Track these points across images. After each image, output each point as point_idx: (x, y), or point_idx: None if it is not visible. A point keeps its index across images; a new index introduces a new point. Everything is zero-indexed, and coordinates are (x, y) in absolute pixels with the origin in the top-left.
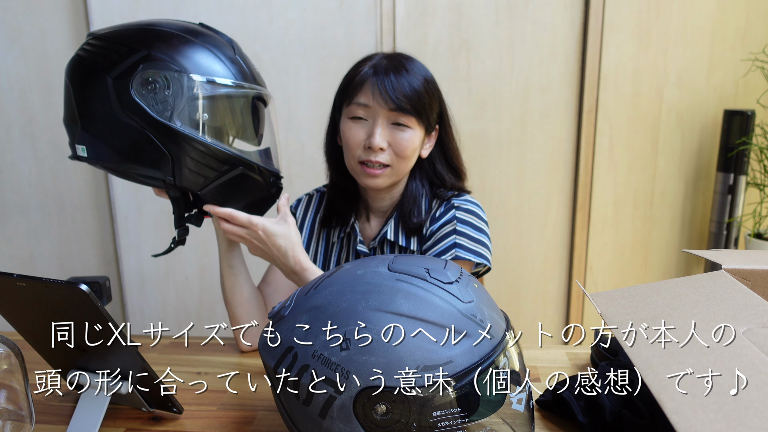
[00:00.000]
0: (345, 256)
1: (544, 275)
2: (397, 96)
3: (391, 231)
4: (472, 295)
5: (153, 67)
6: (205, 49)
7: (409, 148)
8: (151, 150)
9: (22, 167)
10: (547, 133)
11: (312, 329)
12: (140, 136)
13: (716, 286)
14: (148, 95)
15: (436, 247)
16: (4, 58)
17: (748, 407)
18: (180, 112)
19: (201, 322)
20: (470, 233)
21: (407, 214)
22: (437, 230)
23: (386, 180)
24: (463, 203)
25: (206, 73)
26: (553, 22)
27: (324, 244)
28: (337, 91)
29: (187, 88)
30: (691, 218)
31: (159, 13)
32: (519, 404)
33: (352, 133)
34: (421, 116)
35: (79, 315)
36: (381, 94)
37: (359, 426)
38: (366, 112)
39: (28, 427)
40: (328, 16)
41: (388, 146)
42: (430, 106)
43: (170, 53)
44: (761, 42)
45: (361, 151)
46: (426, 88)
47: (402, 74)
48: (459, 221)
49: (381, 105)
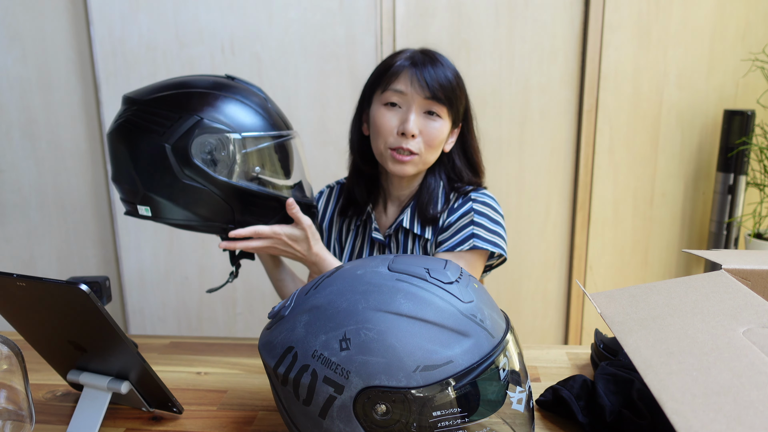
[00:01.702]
0: (360, 243)
1: (544, 275)
2: (434, 85)
3: (407, 219)
4: (472, 295)
5: (207, 131)
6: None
7: (438, 137)
8: (214, 204)
9: (22, 167)
10: (547, 133)
11: (312, 329)
12: (204, 195)
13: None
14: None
15: (455, 238)
16: (4, 58)
17: (748, 407)
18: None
19: (201, 322)
20: (487, 224)
21: (424, 204)
22: (455, 222)
23: (413, 168)
24: (481, 196)
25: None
26: (553, 22)
27: (337, 233)
28: (368, 81)
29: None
30: (691, 218)
31: (159, 13)
32: (519, 404)
33: (386, 119)
34: (452, 107)
35: (79, 315)
36: (419, 81)
37: (359, 426)
38: (401, 99)
39: (28, 427)
40: (328, 16)
41: (419, 134)
42: (459, 100)
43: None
44: (761, 42)
45: (393, 137)
46: (457, 82)
47: (437, 66)
48: (476, 213)
49: (417, 92)
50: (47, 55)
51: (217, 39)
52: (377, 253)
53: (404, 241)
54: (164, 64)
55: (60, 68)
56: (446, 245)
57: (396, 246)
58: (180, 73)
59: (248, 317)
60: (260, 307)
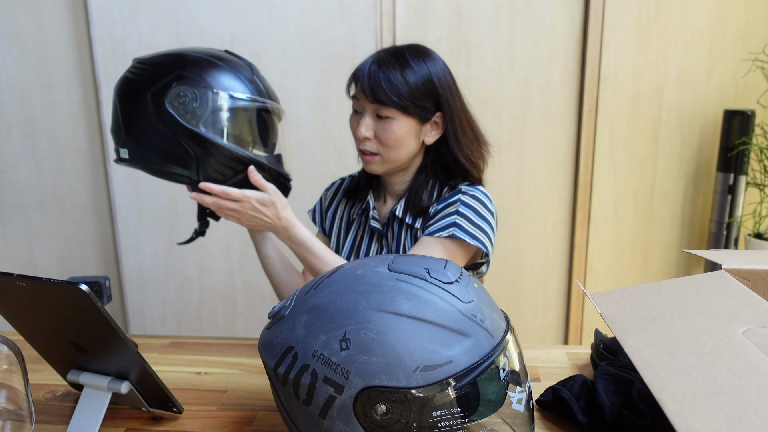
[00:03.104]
0: (362, 231)
1: (544, 275)
2: (375, 89)
3: (400, 209)
4: (472, 295)
5: (184, 84)
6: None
7: (392, 137)
8: (180, 152)
9: (22, 167)
10: (547, 133)
11: (312, 329)
12: (172, 140)
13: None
14: (179, 107)
15: (437, 224)
16: (4, 58)
17: (748, 407)
18: (205, 120)
19: (201, 322)
20: (471, 217)
21: (414, 196)
22: (441, 210)
23: (379, 166)
24: (472, 190)
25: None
26: (553, 22)
27: (347, 218)
28: None
29: (211, 101)
30: (691, 218)
31: (159, 13)
32: (519, 404)
33: (351, 124)
34: (407, 108)
35: (79, 315)
36: (364, 88)
37: (359, 426)
38: (358, 104)
39: (28, 427)
40: (328, 16)
41: (375, 136)
42: (416, 99)
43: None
44: (761, 42)
45: (358, 140)
46: (414, 82)
47: (387, 69)
48: (462, 204)
49: (365, 98)
50: (47, 55)
51: (217, 39)
52: (375, 241)
53: (399, 231)
54: None
55: (60, 68)
56: (428, 230)
57: (392, 235)
58: None
59: (248, 317)
60: (260, 307)
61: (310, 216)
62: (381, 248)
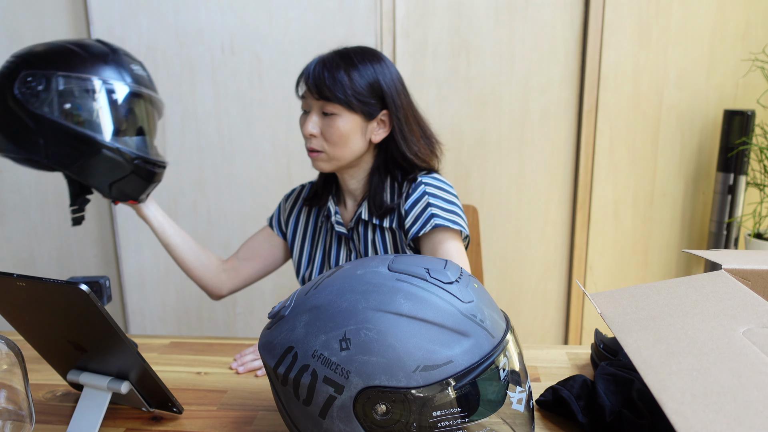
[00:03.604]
0: (329, 238)
1: (544, 275)
2: (320, 85)
3: (365, 211)
4: (472, 295)
5: (30, 68)
6: (79, 55)
7: (336, 134)
8: (29, 135)
9: (22, 167)
10: (547, 133)
11: (312, 329)
12: (20, 123)
13: (716, 286)
14: (26, 92)
15: (417, 224)
16: (4, 58)
17: (748, 407)
18: (50, 103)
19: (201, 322)
20: (442, 205)
21: (373, 195)
22: (411, 209)
23: (326, 164)
24: (430, 180)
25: (75, 72)
26: (553, 22)
27: (313, 227)
28: None
29: (55, 84)
30: (691, 218)
31: (159, 13)
32: (519, 404)
33: (301, 122)
34: (351, 105)
35: (79, 315)
36: (309, 85)
37: (359, 426)
38: (305, 103)
39: (28, 427)
40: (328, 16)
41: (321, 133)
42: (361, 95)
43: (47, 59)
44: (761, 42)
45: (306, 138)
46: (358, 79)
47: (330, 67)
48: (429, 195)
49: (311, 95)
50: None
51: (217, 39)
52: (343, 245)
53: (365, 233)
54: (164, 64)
55: None
56: (413, 232)
57: (358, 238)
58: (180, 73)
59: (248, 317)
60: (260, 307)
61: (268, 222)
62: (349, 252)
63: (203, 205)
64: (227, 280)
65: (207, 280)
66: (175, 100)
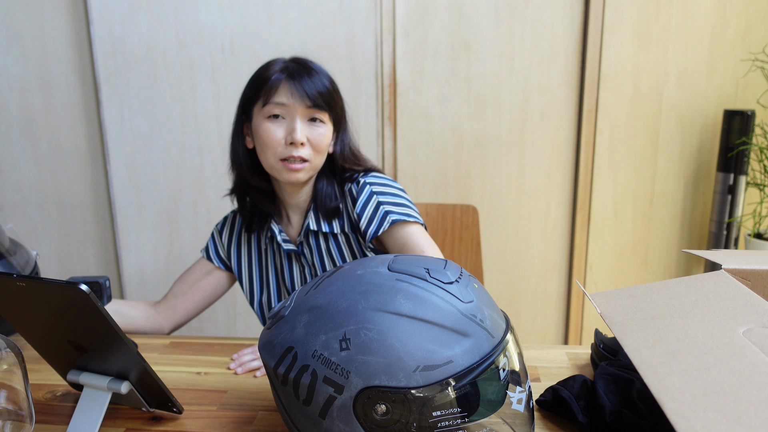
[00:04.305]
0: (279, 258)
1: (544, 275)
2: (313, 93)
3: (313, 221)
4: (472, 295)
5: None
6: None
7: (324, 142)
8: None
9: (22, 167)
10: (547, 133)
11: (312, 329)
12: None
13: (716, 286)
14: None
15: (373, 224)
16: (4, 58)
17: (748, 407)
18: None
19: (201, 322)
20: (391, 200)
21: (322, 201)
22: (362, 211)
23: (305, 174)
24: (372, 179)
25: None
26: (553, 22)
27: (257, 252)
28: (244, 94)
29: None
30: (691, 218)
31: (159, 13)
32: (519, 404)
33: (271, 131)
34: (332, 112)
35: (79, 315)
36: (299, 92)
37: (359, 426)
38: (283, 110)
39: (28, 427)
40: (328, 16)
41: (307, 141)
42: (337, 103)
43: None
44: (761, 42)
45: (282, 148)
46: (333, 87)
47: (313, 74)
48: (377, 194)
49: (298, 103)
50: (47, 55)
51: (217, 39)
52: (296, 263)
53: (316, 243)
54: (164, 64)
55: (60, 68)
56: (371, 233)
57: (310, 250)
58: (180, 73)
59: (248, 317)
60: None
61: (203, 254)
62: (302, 267)
63: (203, 205)
64: (165, 321)
65: (144, 330)
66: (175, 100)
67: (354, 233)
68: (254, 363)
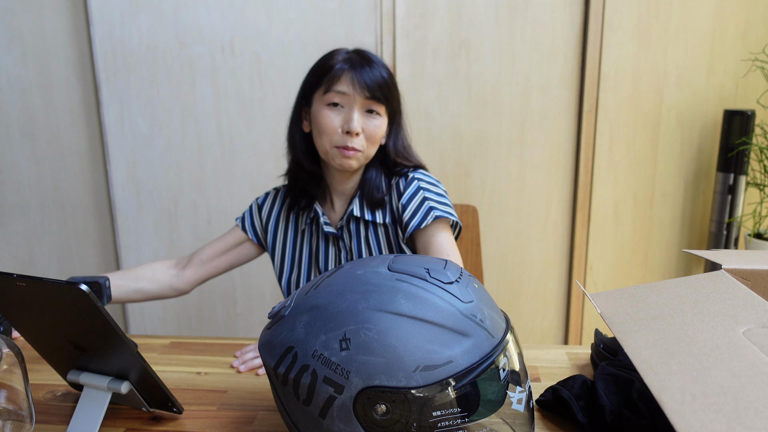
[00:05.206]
0: (315, 240)
1: (544, 275)
2: (372, 85)
3: (357, 208)
4: (472, 295)
5: None
6: None
7: (378, 134)
8: None
9: (22, 167)
10: (547, 133)
11: (312, 329)
12: None
13: (716, 286)
14: None
15: (417, 216)
16: (4, 58)
17: (748, 407)
18: None
19: (201, 322)
20: (436, 198)
21: (369, 192)
22: (408, 203)
23: (357, 162)
24: (421, 176)
25: None
26: (553, 22)
27: (293, 232)
28: (306, 80)
29: None
30: (691, 218)
31: (159, 13)
32: (519, 404)
33: (330, 119)
34: (389, 104)
35: (79, 315)
36: (359, 83)
37: (359, 426)
38: (343, 99)
39: (28, 427)
40: (328, 16)
41: (362, 132)
42: (394, 96)
43: None
44: (761, 42)
45: (338, 136)
46: (391, 80)
47: (373, 66)
48: (424, 190)
49: (358, 93)
50: (47, 55)
51: (217, 39)
52: (332, 246)
53: (357, 230)
54: (164, 64)
55: (60, 68)
56: (413, 225)
57: (349, 236)
58: (180, 73)
59: (248, 317)
60: (260, 307)
61: (239, 223)
62: (339, 251)
63: (203, 205)
64: (186, 285)
65: (164, 295)
66: (175, 100)
67: (393, 226)
68: (257, 361)
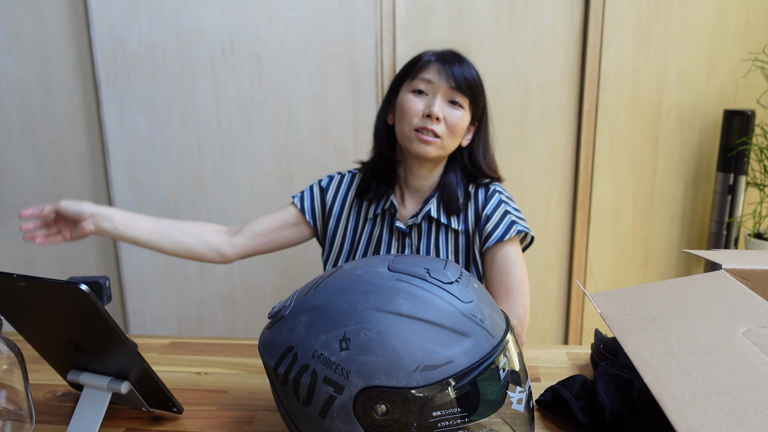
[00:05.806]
0: (380, 232)
1: (544, 275)
2: (459, 77)
3: (434, 209)
4: (472, 295)
5: None
6: None
7: (459, 125)
8: None
9: (22, 167)
10: (547, 133)
11: (312, 329)
12: None
13: (716, 286)
14: None
15: (499, 228)
16: (4, 58)
17: (748, 407)
18: None
19: (201, 322)
20: (515, 213)
21: (449, 196)
22: (492, 214)
23: (435, 150)
24: (501, 189)
25: None
26: (553, 22)
27: (355, 219)
28: (397, 74)
29: None
30: (691, 218)
31: (159, 13)
32: (519, 404)
33: (413, 103)
34: (473, 101)
35: (79, 315)
36: (446, 73)
37: (359, 426)
38: (428, 87)
39: (28, 427)
40: (328, 16)
41: (443, 119)
42: (480, 96)
43: None
44: (761, 42)
45: (419, 119)
46: (479, 80)
47: (463, 63)
48: (505, 203)
49: (443, 82)
50: (47, 55)
51: (217, 39)
52: (397, 241)
53: (428, 230)
54: (164, 64)
55: (60, 68)
56: (495, 237)
57: (418, 236)
58: (180, 73)
59: (248, 317)
60: (260, 307)
61: (297, 202)
62: (403, 248)
63: (203, 205)
64: (234, 254)
65: (206, 258)
66: (175, 100)
67: (466, 234)
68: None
